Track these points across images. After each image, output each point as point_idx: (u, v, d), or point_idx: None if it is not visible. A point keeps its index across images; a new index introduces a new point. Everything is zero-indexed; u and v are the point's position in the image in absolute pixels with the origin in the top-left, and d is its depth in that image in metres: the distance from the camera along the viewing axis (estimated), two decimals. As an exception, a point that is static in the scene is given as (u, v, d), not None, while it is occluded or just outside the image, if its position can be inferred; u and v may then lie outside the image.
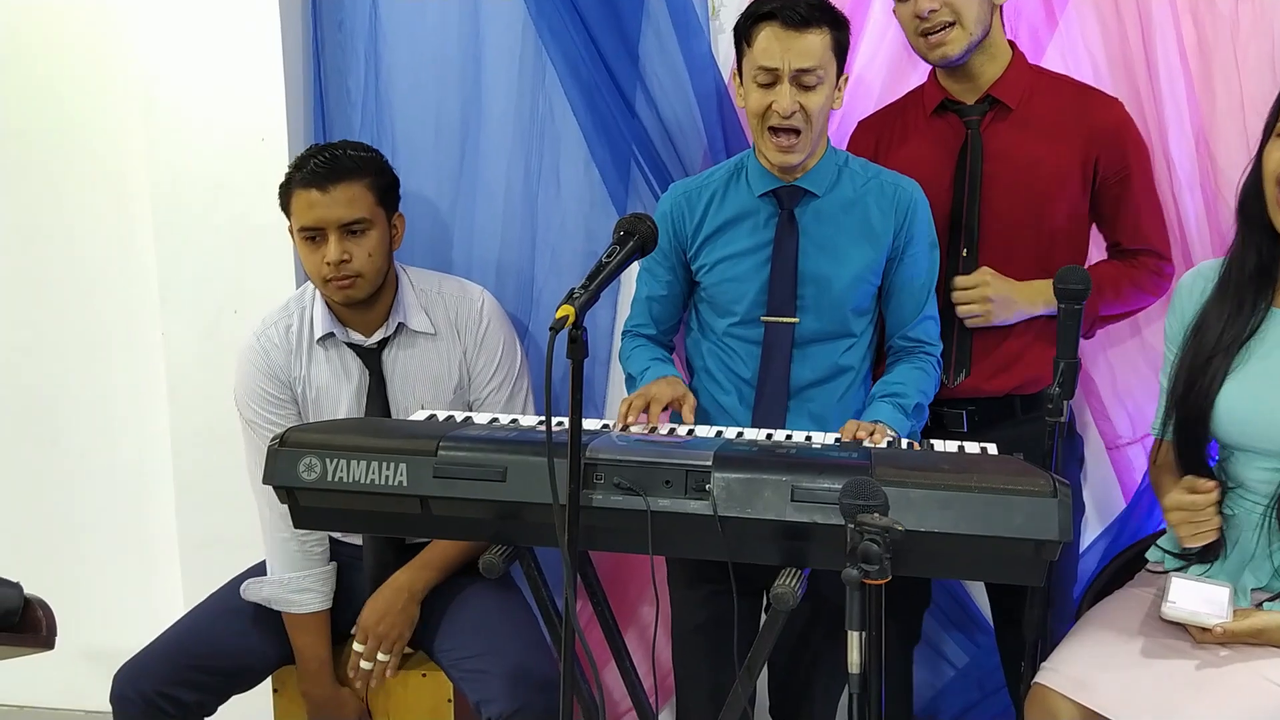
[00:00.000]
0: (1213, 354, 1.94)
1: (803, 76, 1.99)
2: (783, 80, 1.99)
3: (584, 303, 1.57)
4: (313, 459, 1.76)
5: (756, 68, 2.01)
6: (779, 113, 2.00)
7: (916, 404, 2.10)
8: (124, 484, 3.00)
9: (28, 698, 3.17)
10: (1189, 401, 1.96)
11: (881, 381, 2.15)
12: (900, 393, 2.09)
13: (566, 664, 1.62)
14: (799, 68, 1.98)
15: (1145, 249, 2.24)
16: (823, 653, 2.23)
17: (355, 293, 2.23)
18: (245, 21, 2.55)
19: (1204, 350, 1.95)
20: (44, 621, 1.67)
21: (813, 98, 2.01)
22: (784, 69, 1.98)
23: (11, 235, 2.91)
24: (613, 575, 2.57)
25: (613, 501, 1.69)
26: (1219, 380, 1.93)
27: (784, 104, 1.99)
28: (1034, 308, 2.19)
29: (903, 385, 2.11)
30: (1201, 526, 1.90)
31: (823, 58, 1.99)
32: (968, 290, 2.18)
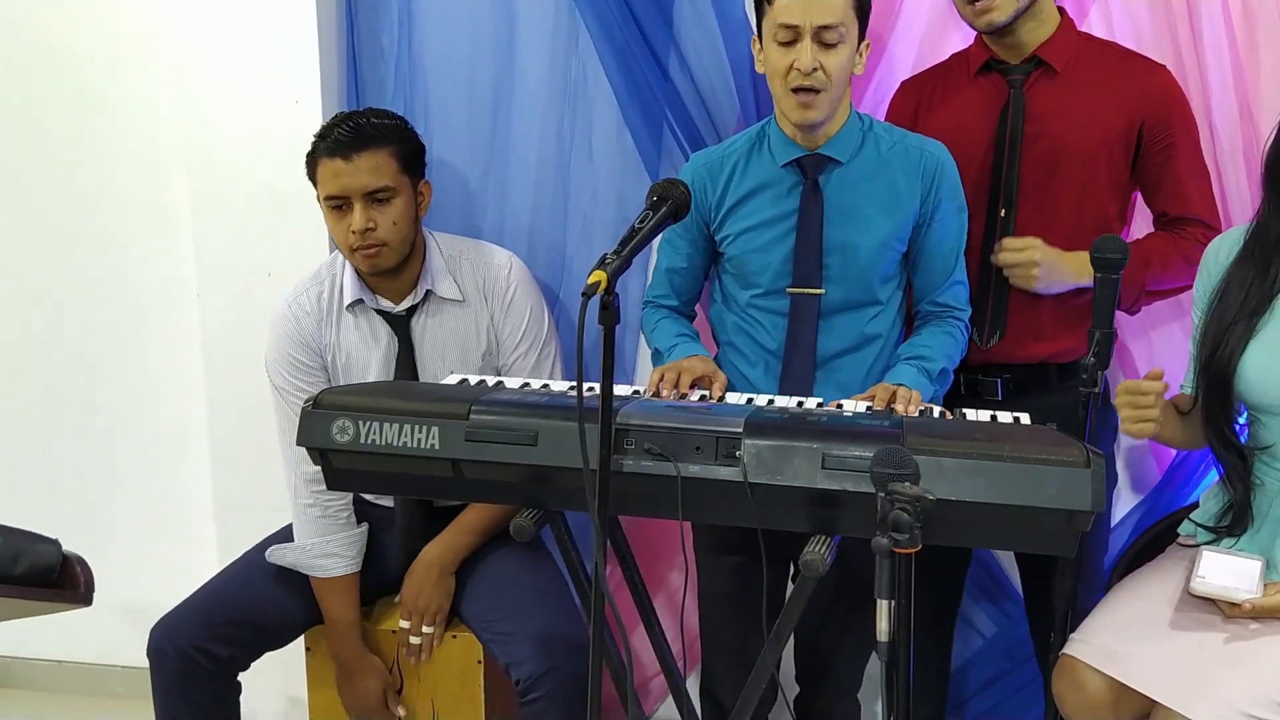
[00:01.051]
0: (1236, 319, 1.95)
1: (824, 34, 1.96)
2: (804, 38, 1.96)
3: (616, 269, 1.56)
4: (346, 421, 1.78)
5: (777, 25, 1.98)
6: (800, 70, 1.97)
7: (941, 369, 2.08)
8: (160, 444, 3.03)
9: (66, 653, 3.22)
10: (1213, 366, 1.96)
11: (907, 344, 2.13)
12: (925, 356, 2.08)
13: (596, 627, 1.63)
14: (820, 24, 1.95)
15: (1193, 218, 2.19)
16: (851, 621, 2.23)
17: (381, 261, 2.23)
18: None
19: (1227, 315, 1.96)
20: (82, 578, 1.69)
21: (833, 57, 1.98)
22: (805, 26, 1.95)
23: (49, 200, 2.93)
24: (642, 540, 2.57)
25: (643, 467, 1.69)
26: (1241, 346, 1.94)
27: (805, 61, 1.96)
28: (1080, 279, 2.15)
29: (928, 349, 2.09)
30: (1143, 413, 1.89)
31: (844, 15, 1.96)
32: (1017, 252, 2.15)
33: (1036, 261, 2.13)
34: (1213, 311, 1.99)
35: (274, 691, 2.85)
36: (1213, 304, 1.99)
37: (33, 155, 2.92)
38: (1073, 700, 1.92)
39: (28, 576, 1.62)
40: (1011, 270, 2.16)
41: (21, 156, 2.93)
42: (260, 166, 2.62)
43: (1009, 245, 2.16)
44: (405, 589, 2.32)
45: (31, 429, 3.09)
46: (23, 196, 2.95)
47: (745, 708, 1.85)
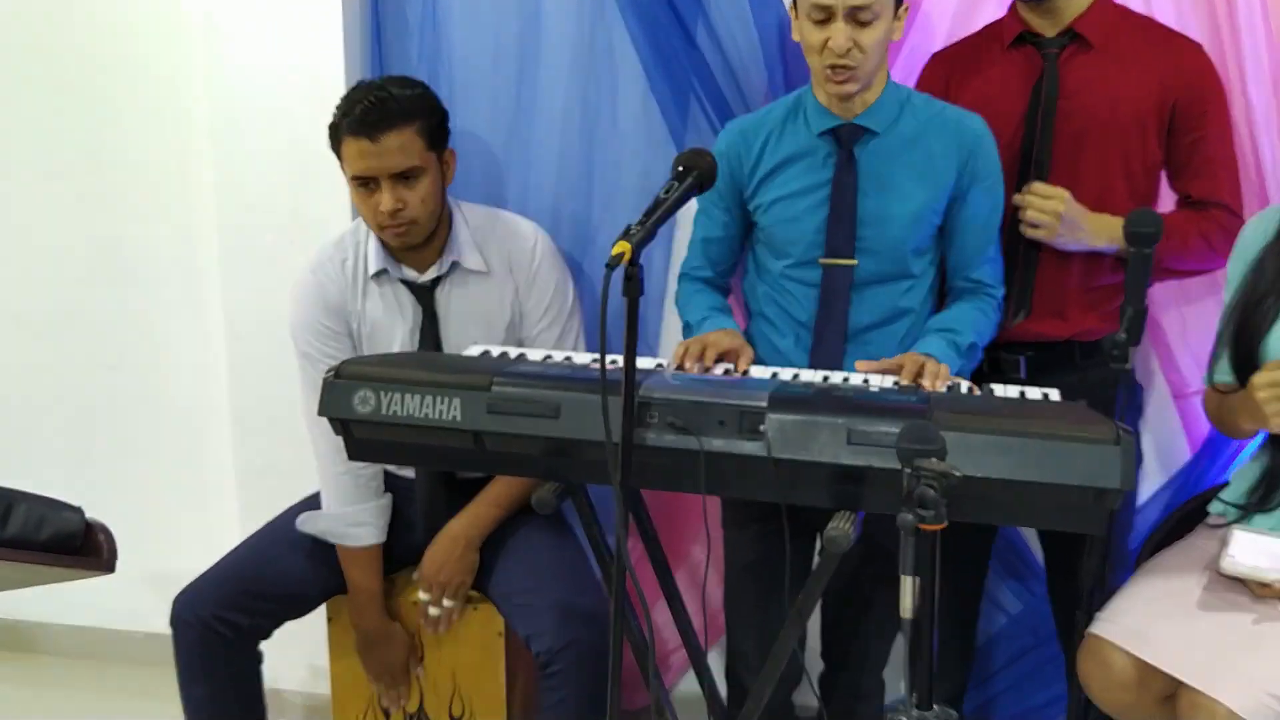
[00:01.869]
0: (1266, 294, 1.93)
1: (858, 13, 1.92)
2: (837, 17, 1.93)
3: (640, 240, 1.54)
4: (367, 392, 1.77)
5: (810, 5, 1.95)
6: (834, 50, 1.94)
7: (970, 343, 2.06)
8: (182, 412, 3.04)
9: (89, 619, 3.25)
10: (1241, 341, 1.94)
11: (937, 317, 2.11)
12: (954, 329, 2.05)
13: (617, 601, 1.63)
14: (853, 4, 1.92)
15: (1217, 203, 2.15)
16: (875, 597, 2.22)
17: (411, 238, 2.22)
18: (303, -51, 2.53)
19: (1259, 290, 1.94)
20: (105, 545, 1.70)
21: (869, 33, 1.95)
22: (838, 5, 1.92)
23: (72, 163, 2.93)
24: (664, 514, 2.56)
25: (666, 441, 1.68)
26: (1269, 319, 1.91)
27: (839, 42, 1.93)
28: (1097, 240, 2.12)
29: (958, 322, 2.07)
30: None
31: None
32: (1044, 199, 2.10)
33: (1060, 214, 2.09)
34: (1244, 287, 1.96)
35: (296, 660, 2.87)
36: (1245, 280, 1.97)
37: (57, 119, 2.92)
38: (1098, 679, 1.91)
39: (51, 543, 1.63)
40: (1036, 216, 2.11)
41: (45, 120, 2.92)
42: (283, 134, 2.61)
43: (1037, 189, 2.11)
44: (426, 561, 2.31)
45: (54, 397, 3.11)
46: (46, 161, 2.95)
47: (767, 682, 1.85)
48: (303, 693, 2.95)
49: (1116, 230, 2.08)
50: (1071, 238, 2.12)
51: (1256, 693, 1.73)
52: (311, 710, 2.94)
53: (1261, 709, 1.71)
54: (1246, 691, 1.73)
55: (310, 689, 2.93)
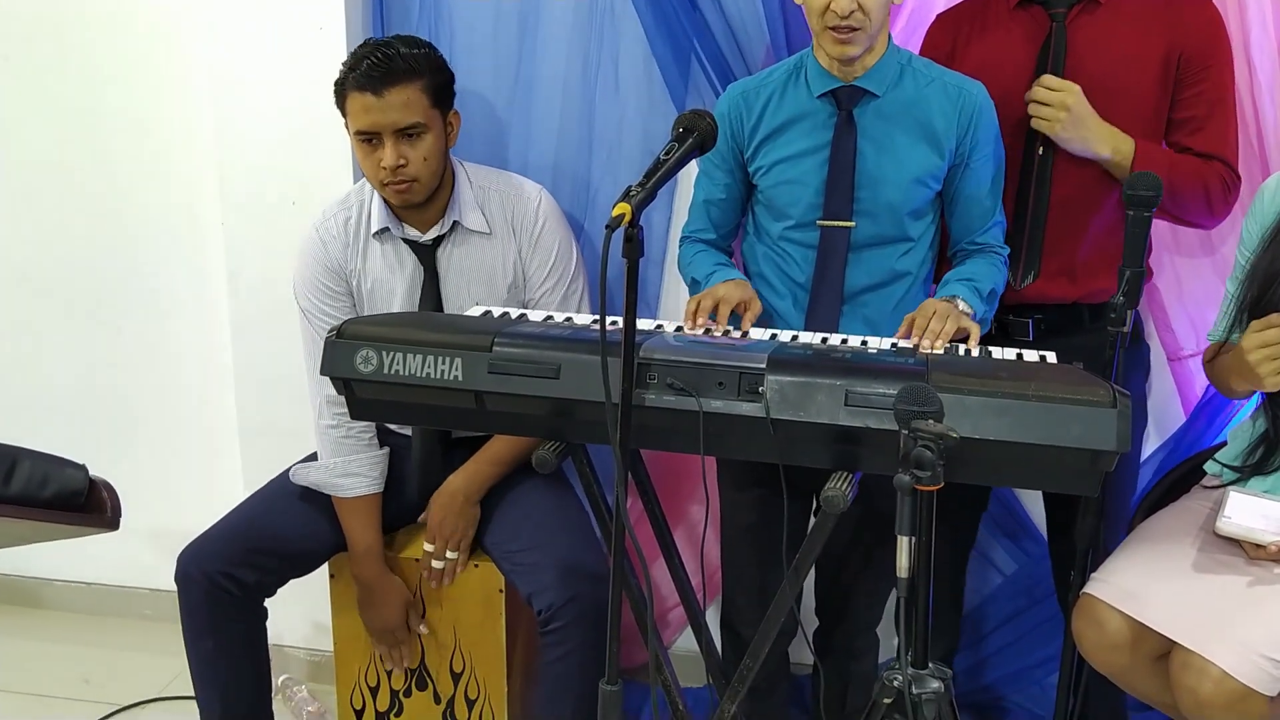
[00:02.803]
0: None
1: None
2: None
3: (641, 201, 1.55)
4: (369, 351, 1.78)
5: None
6: (837, 13, 1.93)
7: (991, 289, 2.06)
8: (185, 370, 3.05)
9: (95, 575, 3.27)
10: (1262, 306, 1.92)
11: (954, 271, 2.11)
12: (974, 277, 2.06)
13: (616, 559, 1.64)
14: None
15: (1215, 156, 2.13)
16: (871, 556, 2.24)
17: (412, 196, 2.22)
18: (304, -93, 2.52)
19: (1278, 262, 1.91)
20: (109, 502, 1.71)
21: None
22: None
23: (74, 123, 2.93)
24: (664, 473, 2.58)
25: (665, 401, 1.69)
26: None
27: (842, 4, 1.92)
28: (1101, 146, 2.08)
29: (976, 273, 2.08)
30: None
31: None
32: (1053, 91, 2.08)
33: (1069, 106, 2.07)
34: (1265, 252, 1.94)
35: (299, 617, 2.90)
36: (1265, 245, 1.94)
37: (58, 79, 2.91)
38: (1092, 639, 1.93)
39: (55, 500, 1.64)
40: (1044, 109, 2.09)
41: (47, 80, 2.91)
42: (284, 93, 2.60)
43: (1048, 82, 2.09)
44: (430, 514, 2.34)
45: (57, 356, 3.12)
46: (51, 129, 2.94)
47: (764, 640, 1.87)
48: (305, 648, 2.98)
49: (1121, 143, 2.06)
50: (1075, 135, 2.08)
51: (1249, 654, 1.74)
52: (314, 665, 2.97)
53: (1254, 670, 1.73)
54: (1239, 652, 1.75)
55: (313, 645, 2.96)
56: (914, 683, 1.61)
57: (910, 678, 1.62)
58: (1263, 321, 1.87)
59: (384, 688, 2.47)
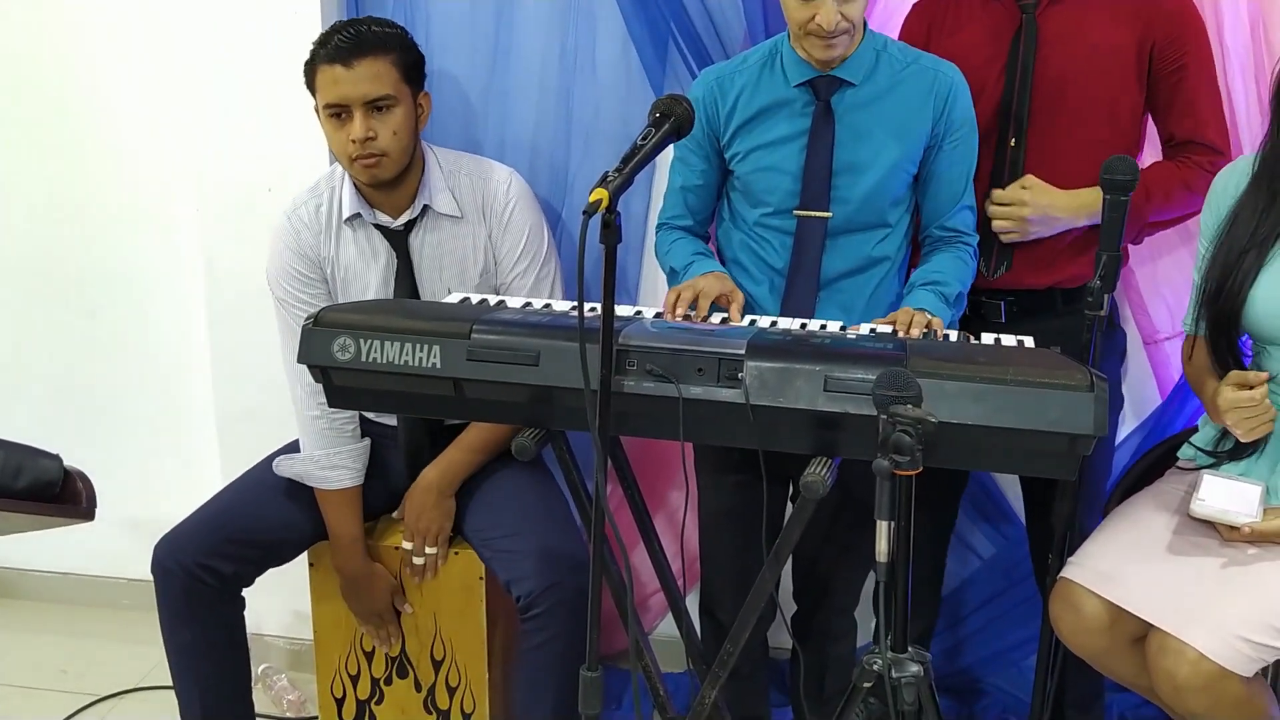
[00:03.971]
0: (1246, 249, 1.91)
1: None
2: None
3: (618, 186, 1.54)
4: (346, 339, 1.77)
5: None
6: (824, 27, 1.93)
7: (957, 293, 2.07)
8: (161, 359, 3.03)
9: (71, 566, 3.26)
10: (1221, 298, 1.93)
11: (920, 270, 2.11)
12: (940, 280, 2.06)
13: (596, 545, 1.64)
14: None
15: (1201, 142, 2.15)
16: (849, 541, 2.24)
17: (381, 172, 2.20)
18: (277, -110, 2.49)
19: (1236, 245, 1.92)
20: (84, 493, 1.70)
21: (854, 4, 1.93)
22: None
23: (46, 110, 2.90)
24: (643, 459, 2.58)
25: (645, 388, 1.69)
26: (1252, 275, 1.91)
27: (829, 19, 1.91)
28: (1076, 219, 2.13)
29: (942, 274, 2.08)
30: (1261, 419, 1.86)
31: None
32: (1003, 207, 2.13)
33: (1026, 218, 2.11)
34: (1221, 241, 1.95)
35: (278, 606, 2.89)
36: (1221, 234, 1.96)
37: (29, 66, 2.88)
38: (1069, 623, 1.94)
39: (29, 491, 1.62)
40: (1003, 224, 2.14)
41: (18, 68, 2.89)
42: (258, 78, 2.58)
43: (997, 198, 2.14)
44: (406, 511, 2.34)
45: (32, 343, 3.09)
46: (22, 114, 2.92)
47: (744, 626, 1.87)
48: (285, 637, 2.97)
49: (1094, 204, 2.07)
50: (1050, 229, 2.14)
51: (1225, 635, 1.76)
52: (294, 655, 2.96)
53: (1231, 651, 1.75)
54: (1215, 634, 1.76)
55: (293, 633, 2.96)
56: (893, 666, 1.62)
57: (889, 662, 1.63)
58: (1238, 376, 1.87)
59: (364, 676, 2.47)
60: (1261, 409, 1.84)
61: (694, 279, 2.03)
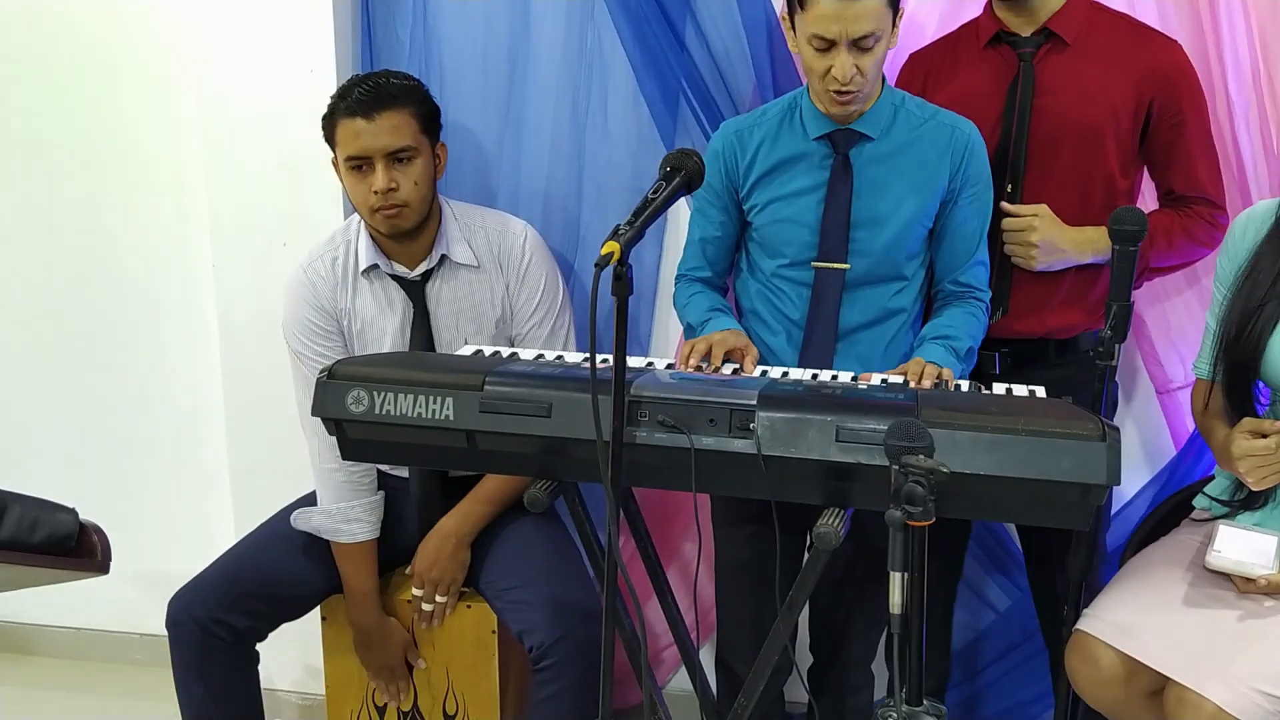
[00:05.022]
0: (1265, 299, 1.92)
1: (861, 41, 1.92)
2: (840, 48, 1.93)
3: (629, 239, 1.56)
4: (360, 392, 1.78)
5: (811, 34, 1.94)
6: (839, 79, 1.95)
7: (968, 348, 2.07)
8: (177, 412, 3.05)
9: (85, 621, 3.25)
10: (1239, 347, 1.93)
11: (931, 324, 2.12)
12: (951, 335, 2.07)
13: (609, 597, 1.64)
14: (856, 36, 1.91)
15: (1199, 196, 2.17)
16: (864, 592, 2.23)
17: (402, 222, 2.23)
18: (294, -48, 2.54)
19: (1256, 295, 1.93)
20: (99, 546, 1.71)
21: (870, 57, 1.95)
22: (841, 37, 1.91)
23: (65, 165, 2.94)
24: (656, 511, 2.58)
25: (657, 439, 1.69)
26: (1271, 325, 1.91)
27: (844, 72, 1.93)
28: (1082, 255, 2.15)
29: (952, 328, 2.08)
30: (1273, 468, 1.86)
31: (879, 17, 1.91)
32: (1014, 232, 2.14)
33: (1034, 243, 2.12)
34: (1240, 290, 1.95)
35: (290, 660, 2.88)
36: (1240, 282, 1.96)
37: (50, 126, 2.92)
38: (1085, 675, 1.92)
39: (45, 545, 1.63)
40: (1011, 246, 2.15)
41: (39, 127, 2.93)
42: (275, 135, 2.62)
43: (1008, 225, 2.15)
44: (418, 558, 2.33)
45: (49, 397, 3.11)
46: (42, 168, 2.95)
47: (759, 678, 1.86)
48: (297, 692, 2.96)
49: (1099, 241, 2.10)
50: (1053, 259, 2.15)
51: (1243, 689, 1.74)
52: (306, 710, 2.95)
53: (1248, 705, 1.72)
54: (1233, 687, 1.74)
55: (305, 688, 2.94)
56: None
57: (905, 715, 1.61)
58: (1253, 426, 1.87)
59: (376, 730, 2.46)
60: (1275, 458, 1.84)
61: (709, 333, 2.04)
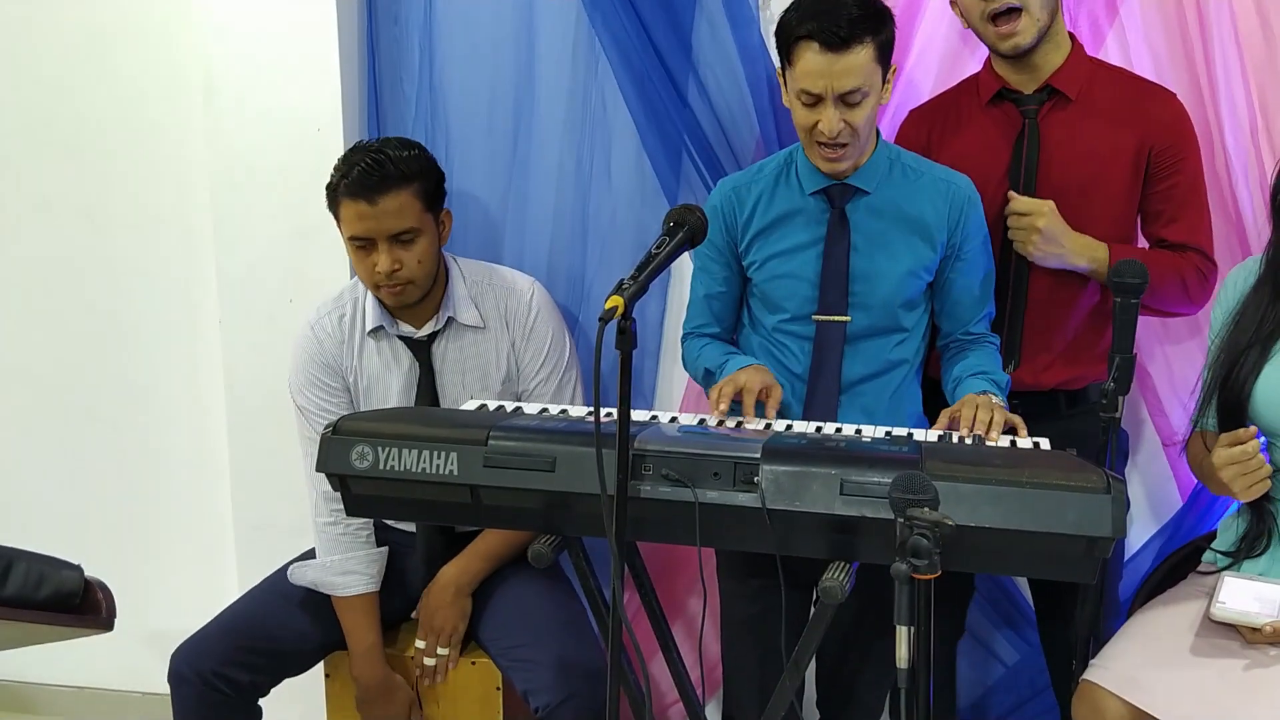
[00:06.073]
0: (1251, 343, 1.95)
1: (847, 96, 1.95)
2: (827, 103, 1.95)
3: (633, 294, 1.57)
4: (365, 447, 1.78)
5: (799, 89, 1.97)
6: (825, 133, 1.97)
7: (1006, 382, 2.08)
8: (182, 469, 3.04)
9: (87, 679, 3.23)
10: (1227, 389, 1.97)
11: (962, 365, 2.11)
12: (987, 370, 2.07)
13: (614, 654, 1.63)
14: (843, 91, 1.94)
15: (1192, 247, 2.17)
16: (871, 646, 2.22)
17: (406, 297, 2.25)
18: (302, 15, 2.57)
19: (1242, 339, 1.96)
20: (104, 603, 1.70)
21: (858, 112, 1.97)
22: (827, 92, 1.94)
23: (75, 222, 2.96)
24: (661, 566, 2.57)
25: (661, 493, 1.69)
26: (1256, 370, 1.94)
27: (830, 126, 1.96)
28: (1078, 259, 2.13)
29: (984, 365, 2.08)
30: (1256, 474, 1.88)
31: (867, 73, 1.93)
32: (1022, 215, 2.13)
33: (1039, 229, 2.11)
34: (1228, 336, 1.99)
35: (294, 717, 2.84)
36: (1229, 328, 2.00)
37: (57, 184, 2.95)
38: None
39: (50, 601, 1.63)
40: (1015, 231, 2.15)
41: (47, 183, 2.96)
42: (282, 193, 2.64)
43: (1015, 207, 2.14)
44: (421, 609, 2.33)
45: (54, 453, 3.11)
46: (49, 222, 2.98)
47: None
48: (300, 750, 2.93)
49: (1097, 252, 2.11)
50: (1050, 252, 2.13)
51: (1250, 739, 1.73)
52: (309, 768, 2.92)
53: (1254, 755, 1.72)
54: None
55: (308, 746, 2.92)
56: (917, 776, 1.59)
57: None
58: (1229, 436, 1.90)
59: (380, 789, 2.43)
60: (1256, 463, 1.87)
61: (733, 374, 2.03)
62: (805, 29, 1.93)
